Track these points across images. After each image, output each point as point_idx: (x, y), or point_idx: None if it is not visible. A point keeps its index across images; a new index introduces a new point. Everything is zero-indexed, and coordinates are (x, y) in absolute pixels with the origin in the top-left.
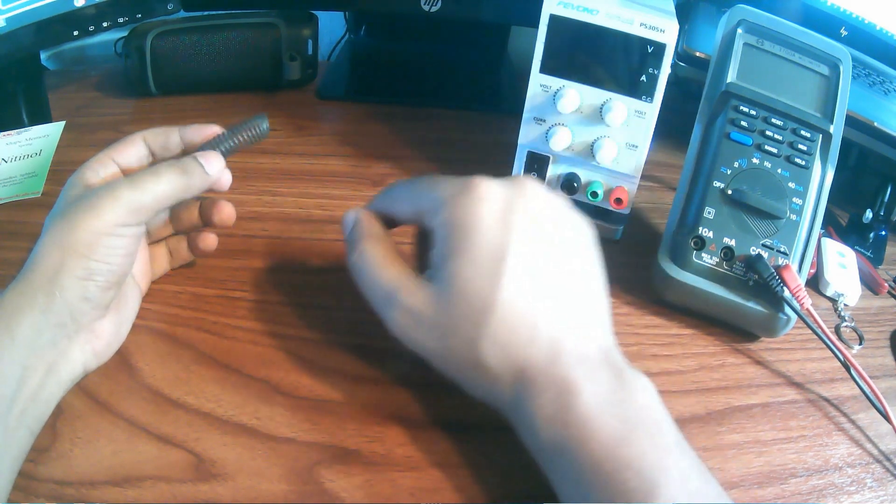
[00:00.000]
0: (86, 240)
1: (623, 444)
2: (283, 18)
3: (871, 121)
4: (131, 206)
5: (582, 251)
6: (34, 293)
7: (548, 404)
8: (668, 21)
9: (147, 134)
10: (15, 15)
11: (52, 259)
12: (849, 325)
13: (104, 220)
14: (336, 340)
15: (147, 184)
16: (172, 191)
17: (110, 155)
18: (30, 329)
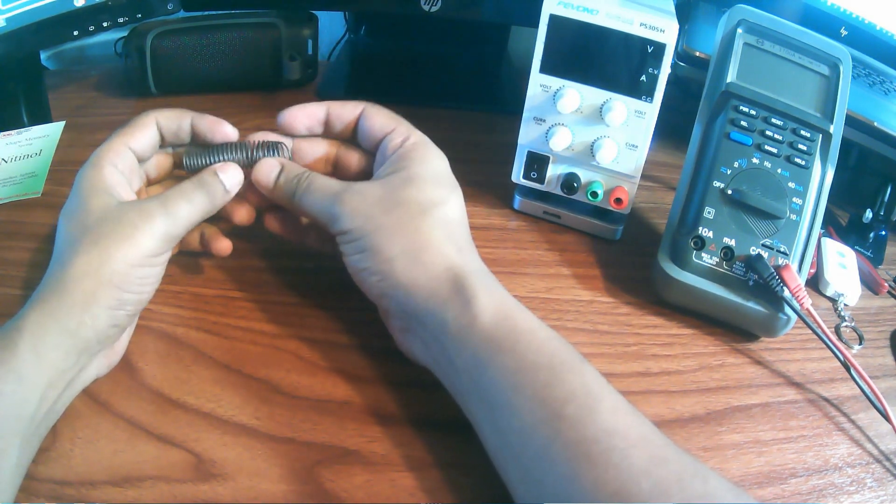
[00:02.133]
0: (120, 271)
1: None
2: (283, 18)
3: (871, 121)
4: (167, 237)
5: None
6: (64, 318)
7: (489, 281)
8: (668, 21)
9: (160, 117)
10: (15, 15)
11: (85, 287)
12: (849, 325)
13: (140, 251)
14: (336, 340)
15: (181, 211)
16: (201, 214)
17: (125, 142)
18: (56, 352)
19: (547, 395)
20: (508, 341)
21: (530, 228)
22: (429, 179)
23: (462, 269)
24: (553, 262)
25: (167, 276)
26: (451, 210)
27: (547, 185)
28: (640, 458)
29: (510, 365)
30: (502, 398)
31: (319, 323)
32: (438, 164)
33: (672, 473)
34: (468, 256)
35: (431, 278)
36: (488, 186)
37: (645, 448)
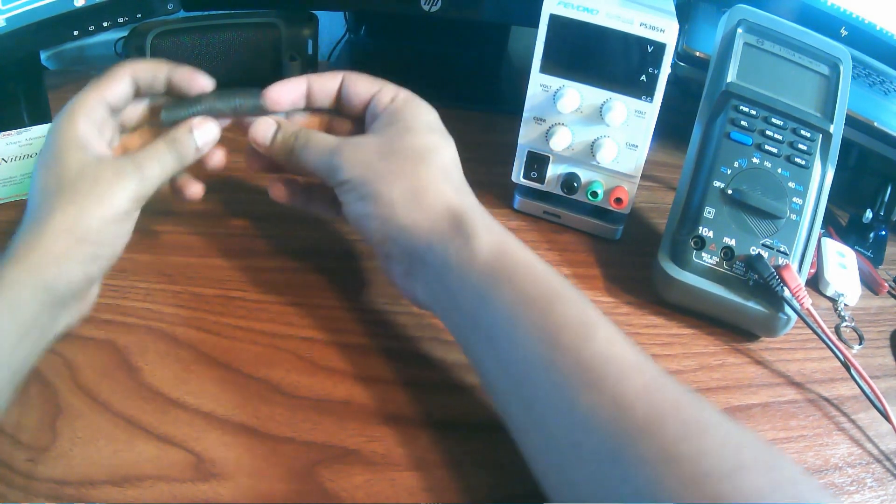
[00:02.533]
0: (95, 227)
1: (543, 261)
2: (283, 18)
3: (871, 121)
4: (139, 194)
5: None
6: (40, 273)
7: (487, 219)
8: (668, 21)
9: (136, 69)
10: (15, 15)
11: (60, 244)
12: (849, 325)
13: (114, 210)
14: (336, 340)
15: (153, 170)
16: (171, 172)
17: (100, 94)
18: (31, 305)
19: (544, 325)
20: (506, 274)
21: (530, 228)
22: (422, 129)
23: (460, 207)
24: (553, 262)
25: (167, 277)
26: (447, 155)
27: (547, 184)
28: (636, 384)
29: (509, 297)
30: (502, 330)
31: (319, 323)
32: (429, 116)
33: (667, 399)
34: (466, 197)
35: (431, 218)
36: (488, 186)
37: (640, 375)
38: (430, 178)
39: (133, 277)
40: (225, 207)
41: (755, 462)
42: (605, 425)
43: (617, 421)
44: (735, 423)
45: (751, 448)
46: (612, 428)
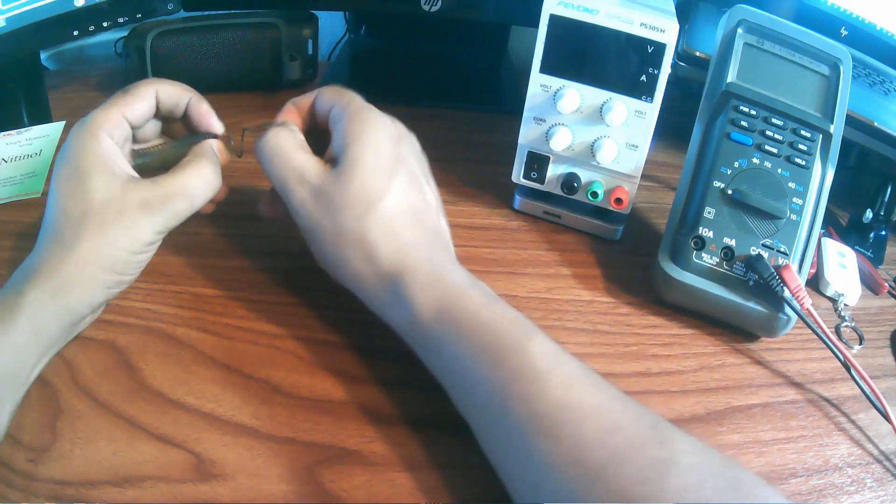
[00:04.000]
0: (122, 259)
1: (497, 302)
2: (283, 18)
3: (871, 121)
4: (165, 227)
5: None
6: (63, 296)
7: (426, 278)
8: (668, 21)
9: (160, 89)
10: (15, 15)
11: (87, 272)
12: (849, 325)
13: (140, 242)
14: (336, 340)
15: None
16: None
17: (123, 111)
18: (54, 327)
19: (494, 376)
20: (451, 334)
21: (530, 228)
22: (365, 170)
23: (398, 271)
24: (553, 262)
25: (167, 277)
26: (390, 202)
27: (547, 185)
28: (593, 429)
29: (456, 353)
30: (456, 380)
31: (319, 323)
32: (375, 140)
33: (627, 440)
34: (405, 254)
35: (372, 284)
36: (488, 186)
37: (597, 418)
38: (368, 239)
39: None
40: (225, 208)
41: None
42: (562, 468)
43: (575, 464)
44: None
45: (712, 483)
46: (569, 471)
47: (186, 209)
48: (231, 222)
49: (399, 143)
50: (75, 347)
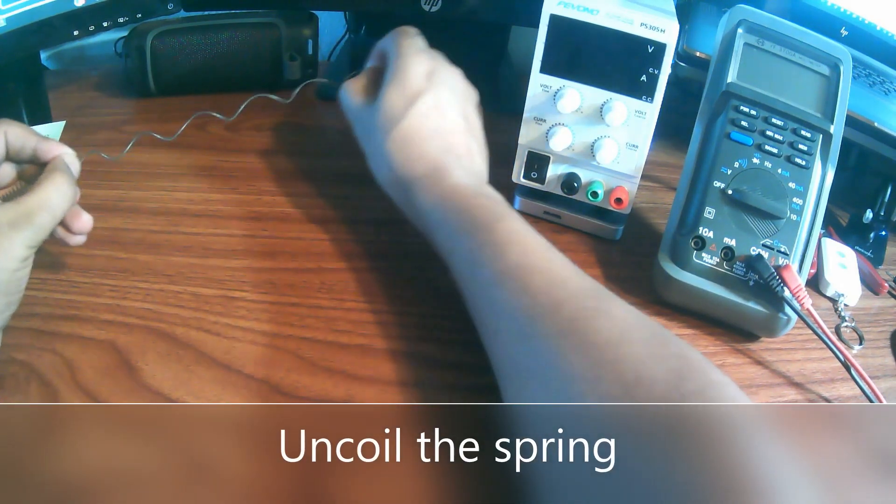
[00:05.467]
0: (4, 279)
1: (479, 197)
2: (283, 18)
3: (871, 121)
4: (35, 241)
5: (473, 118)
6: None
7: (430, 181)
8: (668, 21)
9: (10, 131)
10: (15, 15)
11: None
12: (849, 325)
13: (16, 259)
14: (336, 340)
15: (44, 218)
16: (62, 211)
17: None
18: None
19: (472, 245)
20: (443, 219)
21: None
22: (390, 99)
23: (409, 178)
24: None
25: (167, 277)
26: (405, 124)
27: (547, 185)
28: (540, 282)
29: (447, 232)
30: (448, 248)
31: (319, 323)
32: (402, 77)
33: (567, 292)
34: (415, 163)
35: (394, 187)
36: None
37: (545, 276)
38: (388, 156)
39: (133, 277)
40: (225, 207)
41: (639, 339)
42: (514, 312)
43: (524, 308)
44: (635, 313)
45: (640, 331)
46: (519, 314)
47: (50, 221)
48: (231, 222)
49: (429, 77)
50: (75, 347)
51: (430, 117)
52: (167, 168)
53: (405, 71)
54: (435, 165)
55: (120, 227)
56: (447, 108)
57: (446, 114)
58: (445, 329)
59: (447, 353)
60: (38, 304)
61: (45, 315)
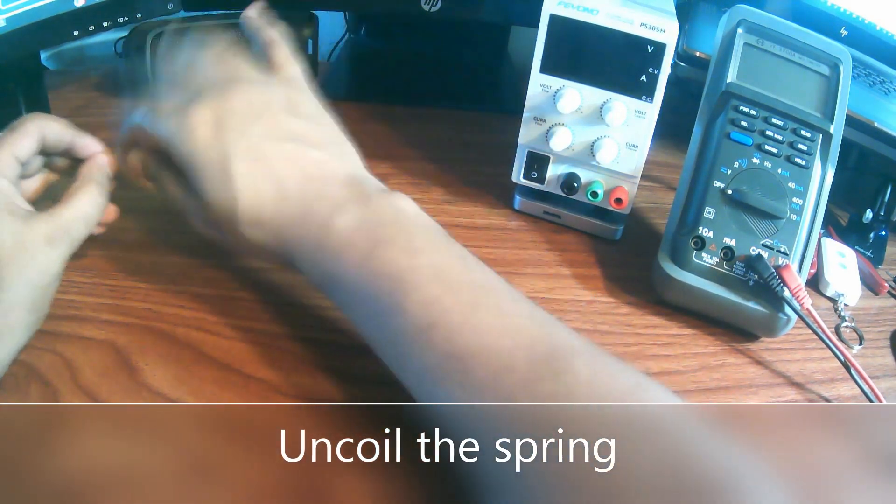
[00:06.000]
0: (39, 296)
1: (371, 258)
2: (283, 18)
3: (871, 121)
4: (69, 255)
5: (301, 110)
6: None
7: (306, 252)
8: (668, 21)
9: (45, 127)
10: (15, 15)
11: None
12: (849, 325)
13: (52, 275)
14: (336, 340)
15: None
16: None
17: (11, 150)
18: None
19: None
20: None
21: (530, 228)
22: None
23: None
24: (553, 262)
25: (167, 277)
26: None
27: (547, 185)
28: (483, 373)
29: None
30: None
31: (319, 323)
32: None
33: (518, 380)
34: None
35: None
36: (488, 186)
37: (486, 361)
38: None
39: (133, 277)
40: None
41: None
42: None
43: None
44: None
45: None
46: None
47: (84, 233)
48: None
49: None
50: (75, 347)
51: (257, 176)
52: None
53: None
54: (304, 232)
55: (120, 227)
56: (263, 147)
57: (267, 155)
58: None
59: None
60: None
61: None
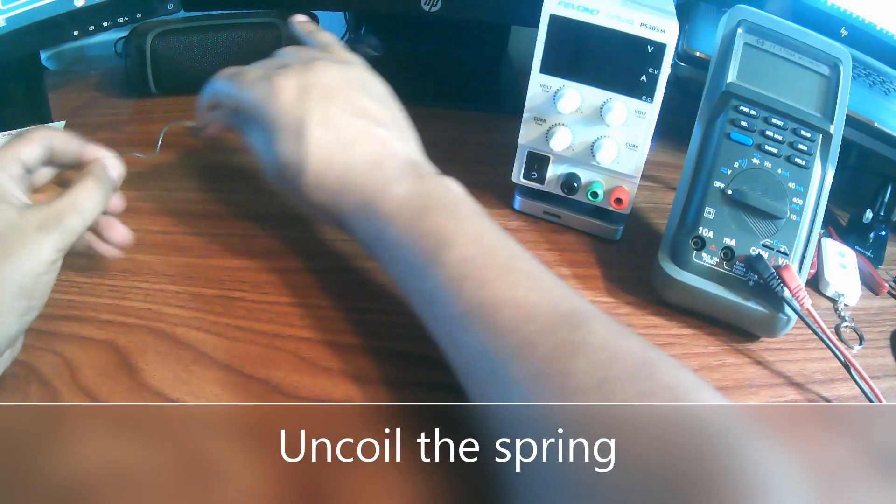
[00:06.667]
0: (29, 282)
1: (419, 222)
2: (283, 18)
3: (871, 121)
4: (64, 244)
5: (373, 92)
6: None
7: (360, 216)
8: (668, 21)
9: (54, 139)
10: (15, 15)
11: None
12: (849, 325)
13: (43, 262)
14: (336, 340)
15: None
16: (92, 216)
17: (16, 153)
18: None
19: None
20: (385, 257)
21: (530, 228)
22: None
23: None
24: (553, 262)
25: (167, 277)
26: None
27: (547, 185)
28: (506, 319)
29: (391, 271)
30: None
31: (319, 323)
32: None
33: (538, 328)
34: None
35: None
36: (488, 186)
37: (511, 310)
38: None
39: (133, 277)
40: (225, 207)
41: (624, 374)
42: (484, 356)
43: (493, 352)
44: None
45: (623, 363)
46: (489, 358)
47: (80, 224)
48: (232, 222)
49: (301, 104)
50: (75, 347)
51: (328, 144)
52: (167, 168)
53: (272, 117)
54: (361, 197)
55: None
56: (338, 118)
57: (340, 126)
58: None
59: None
60: None
61: (45, 315)
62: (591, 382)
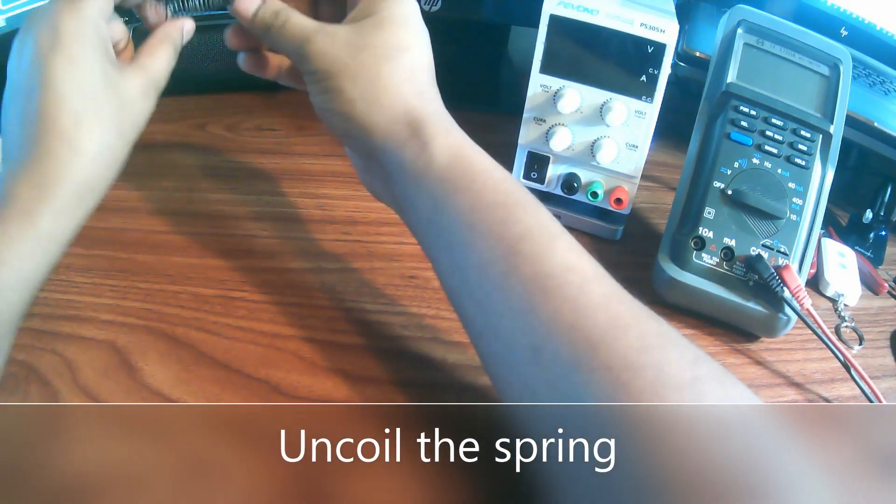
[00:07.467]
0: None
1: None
2: None
3: (871, 121)
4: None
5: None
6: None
7: (446, 124)
8: (668, 21)
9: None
10: (15, 15)
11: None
12: (849, 326)
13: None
14: (336, 341)
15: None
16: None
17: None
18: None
19: (502, 232)
20: (464, 181)
21: None
22: (397, 23)
23: (420, 112)
24: None
25: (167, 277)
26: (417, 55)
27: (547, 185)
28: (597, 294)
29: (465, 204)
30: (459, 236)
31: (319, 323)
32: (407, 9)
33: (628, 309)
34: (429, 101)
35: (390, 121)
36: None
37: (601, 285)
38: (393, 78)
39: (133, 277)
40: (225, 207)
41: (711, 376)
42: (565, 331)
43: (577, 327)
44: (688, 340)
45: (706, 363)
46: (572, 334)
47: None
48: (232, 222)
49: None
50: (75, 347)
51: (430, 57)
52: (167, 168)
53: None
54: (444, 110)
55: (120, 227)
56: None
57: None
58: (445, 329)
59: (448, 352)
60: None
61: (45, 315)
62: (684, 378)
